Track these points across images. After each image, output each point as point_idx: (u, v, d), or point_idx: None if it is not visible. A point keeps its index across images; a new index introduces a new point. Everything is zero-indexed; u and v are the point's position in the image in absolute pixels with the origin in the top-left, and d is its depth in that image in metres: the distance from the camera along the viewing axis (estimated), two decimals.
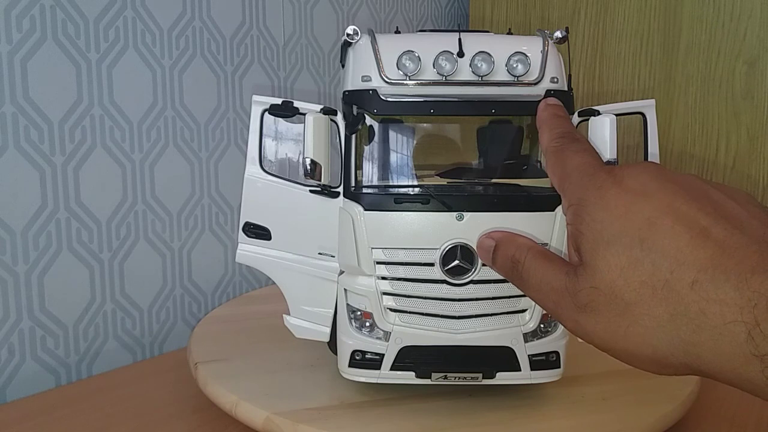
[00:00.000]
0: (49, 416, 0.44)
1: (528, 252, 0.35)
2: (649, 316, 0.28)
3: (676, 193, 0.29)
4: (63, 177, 0.53)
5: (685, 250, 0.27)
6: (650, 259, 0.28)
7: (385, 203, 0.39)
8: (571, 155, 0.34)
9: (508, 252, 0.36)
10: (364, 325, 0.40)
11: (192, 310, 0.64)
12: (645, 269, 0.28)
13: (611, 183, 0.31)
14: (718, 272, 0.26)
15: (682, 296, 0.27)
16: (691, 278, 0.27)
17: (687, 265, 0.27)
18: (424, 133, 0.42)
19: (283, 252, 0.42)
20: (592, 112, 0.40)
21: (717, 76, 0.70)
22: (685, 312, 0.27)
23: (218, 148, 0.65)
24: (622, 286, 0.28)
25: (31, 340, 0.53)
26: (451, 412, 0.40)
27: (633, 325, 0.28)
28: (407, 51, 0.38)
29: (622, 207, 0.30)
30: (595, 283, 0.29)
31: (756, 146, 0.68)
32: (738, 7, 0.68)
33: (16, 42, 0.50)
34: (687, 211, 0.28)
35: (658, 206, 0.29)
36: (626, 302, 0.28)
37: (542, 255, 0.34)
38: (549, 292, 0.32)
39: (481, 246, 0.38)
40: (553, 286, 0.32)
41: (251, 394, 0.41)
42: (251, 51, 0.67)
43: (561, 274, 0.32)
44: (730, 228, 0.28)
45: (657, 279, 0.28)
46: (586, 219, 0.31)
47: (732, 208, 0.29)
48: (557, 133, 0.36)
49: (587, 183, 0.32)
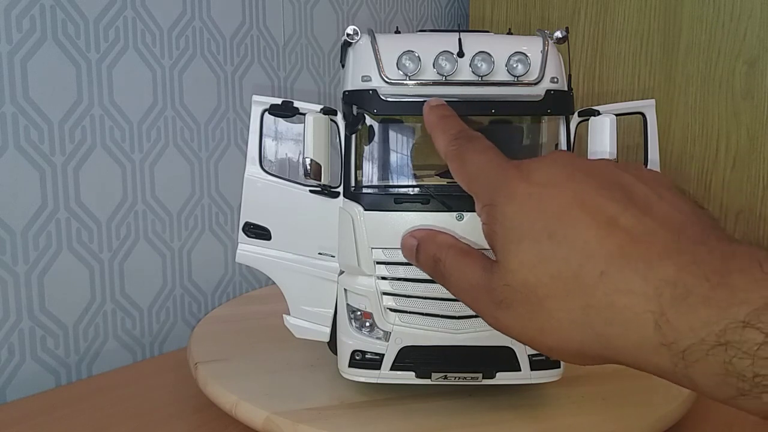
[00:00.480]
0: (49, 416, 0.44)
1: (449, 250, 0.34)
2: (562, 310, 0.28)
3: (584, 183, 0.29)
4: (63, 177, 0.53)
5: (592, 241, 0.27)
6: (559, 253, 0.28)
7: (385, 203, 0.39)
8: (472, 156, 0.34)
9: (429, 251, 0.36)
10: (364, 325, 0.40)
11: (192, 310, 0.64)
12: (555, 264, 0.28)
13: (519, 178, 0.30)
14: (625, 262, 0.26)
15: (592, 288, 0.27)
16: (600, 269, 0.27)
17: (595, 256, 0.27)
18: (424, 133, 0.42)
19: (283, 252, 0.42)
20: (592, 112, 0.40)
21: (717, 76, 0.70)
22: (595, 304, 0.27)
23: (218, 148, 0.65)
24: (534, 282, 0.28)
25: (31, 340, 0.53)
26: (451, 412, 0.40)
27: (548, 320, 0.28)
28: (407, 51, 0.38)
29: (532, 201, 0.29)
30: (508, 280, 0.29)
31: (756, 146, 0.68)
32: (738, 7, 0.68)
33: (16, 42, 0.50)
34: (594, 200, 0.28)
35: (565, 198, 0.29)
36: (539, 298, 0.28)
37: (462, 252, 0.34)
38: (468, 289, 0.32)
39: (405, 245, 0.38)
40: (471, 283, 0.32)
41: (251, 394, 0.41)
42: (251, 51, 0.67)
43: (479, 271, 0.32)
44: (639, 214, 0.27)
45: (567, 273, 0.27)
46: (499, 218, 0.30)
47: (643, 193, 0.29)
48: (451, 135, 0.35)
49: (496, 181, 0.31)
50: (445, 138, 0.36)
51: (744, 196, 0.69)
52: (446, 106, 0.37)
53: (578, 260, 0.27)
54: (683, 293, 0.25)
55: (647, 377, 0.46)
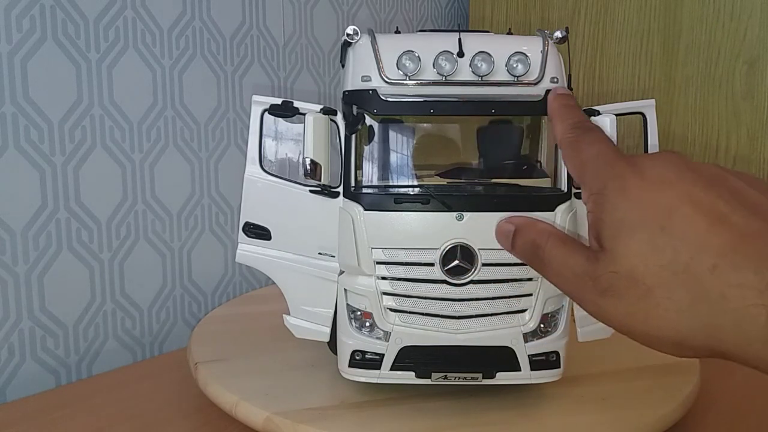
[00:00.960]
0: (49, 416, 0.44)
1: (549, 237, 0.35)
2: (670, 299, 0.28)
3: (695, 182, 0.30)
4: (63, 177, 0.53)
5: (704, 236, 0.28)
6: (670, 245, 0.28)
7: (385, 203, 0.39)
8: (587, 146, 0.34)
9: (528, 237, 0.36)
10: (364, 325, 0.40)
11: (192, 310, 0.64)
12: (665, 254, 0.28)
13: (631, 172, 0.31)
14: (737, 257, 0.27)
15: (703, 280, 0.27)
16: (711, 263, 0.27)
17: (707, 250, 0.28)
18: (424, 133, 0.42)
19: (283, 252, 0.42)
20: (593, 112, 0.40)
21: (717, 76, 0.70)
22: (705, 296, 0.27)
23: (218, 148, 0.65)
24: (642, 271, 0.29)
25: (31, 340, 0.53)
26: (451, 412, 0.40)
27: (654, 309, 0.29)
28: (407, 51, 0.38)
29: (643, 195, 0.30)
30: (615, 268, 0.30)
31: (756, 146, 0.68)
32: (738, 7, 0.68)
33: (16, 42, 0.50)
34: (705, 199, 0.29)
35: (677, 195, 0.29)
36: (647, 286, 0.29)
37: (563, 240, 0.34)
38: (570, 277, 0.33)
39: (501, 231, 0.38)
40: (574, 270, 0.32)
41: (251, 394, 0.41)
42: (251, 51, 0.67)
43: (582, 259, 0.32)
44: (748, 215, 0.28)
45: (677, 264, 0.28)
46: (607, 207, 0.31)
47: (751, 195, 0.29)
48: (570, 124, 0.36)
49: (607, 173, 0.32)
50: (564, 126, 0.36)
51: None
52: (571, 96, 0.38)
53: (690, 252, 0.28)
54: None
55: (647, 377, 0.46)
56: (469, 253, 0.38)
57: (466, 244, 0.38)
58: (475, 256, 0.38)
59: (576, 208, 0.40)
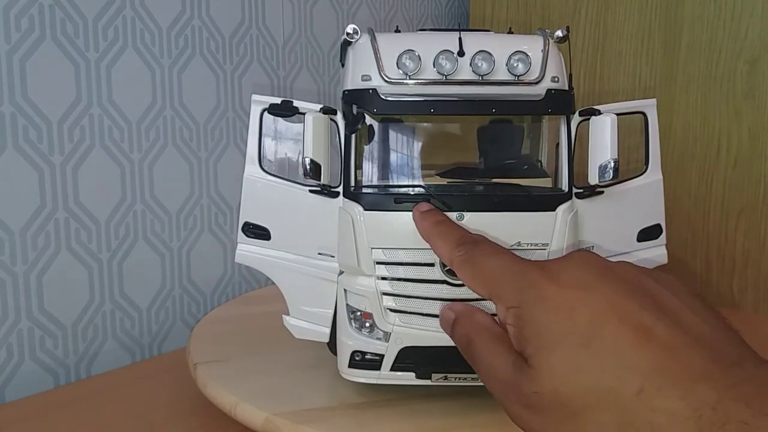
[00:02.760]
0: (49, 416, 0.44)
1: (482, 333, 0.34)
2: (596, 424, 0.27)
3: (616, 288, 0.29)
4: (62, 177, 0.53)
5: (630, 354, 0.27)
6: (596, 364, 0.27)
7: (384, 203, 0.39)
8: (485, 260, 0.33)
9: (464, 329, 0.35)
10: (363, 325, 0.39)
11: (191, 310, 0.64)
12: (591, 375, 0.27)
13: (547, 280, 0.30)
14: (664, 379, 0.26)
15: (629, 404, 0.26)
16: (638, 385, 0.26)
17: (633, 370, 0.26)
18: (424, 132, 0.42)
19: (283, 252, 0.42)
20: (593, 111, 0.40)
21: (718, 75, 0.69)
22: (632, 422, 0.26)
23: (218, 148, 0.65)
24: (566, 393, 0.28)
25: (30, 341, 0.53)
26: (451, 413, 0.40)
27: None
28: (407, 50, 0.37)
29: (563, 306, 0.29)
30: (538, 387, 0.28)
31: (757, 146, 0.68)
32: (739, 6, 0.68)
33: (15, 41, 0.50)
34: (629, 308, 0.28)
35: (599, 304, 0.28)
36: (572, 409, 0.28)
37: (495, 339, 0.33)
38: (496, 383, 0.31)
39: (443, 317, 0.37)
40: (500, 377, 0.31)
41: (251, 395, 0.41)
42: (251, 50, 0.67)
43: (509, 366, 0.31)
44: (671, 325, 0.27)
45: (603, 386, 0.27)
46: (529, 321, 0.30)
47: (669, 301, 0.29)
48: (454, 241, 0.35)
49: (521, 284, 0.31)
50: (448, 245, 0.35)
51: (745, 195, 0.69)
52: (437, 211, 0.37)
53: (615, 373, 0.27)
54: (723, 418, 0.24)
55: None
56: None
57: None
58: None
59: (577, 208, 0.40)
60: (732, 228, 0.70)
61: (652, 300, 0.28)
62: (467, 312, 0.36)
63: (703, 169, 0.71)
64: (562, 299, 0.29)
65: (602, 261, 0.31)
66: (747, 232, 0.69)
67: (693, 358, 0.26)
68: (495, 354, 0.32)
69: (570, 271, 0.30)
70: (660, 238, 0.43)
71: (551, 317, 0.29)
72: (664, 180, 0.43)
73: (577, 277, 0.30)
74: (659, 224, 0.43)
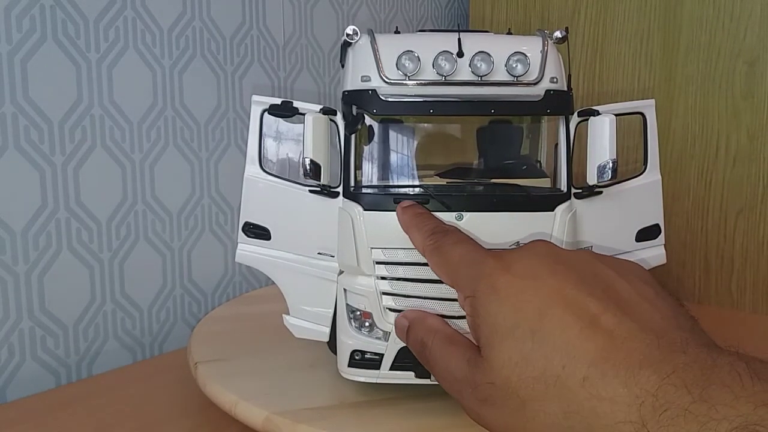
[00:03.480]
0: (49, 416, 0.45)
1: (435, 335, 0.34)
2: (544, 413, 0.27)
3: (566, 277, 0.29)
4: (63, 177, 0.53)
5: (575, 342, 0.27)
6: (542, 353, 0.27)
7: (384, 203, 0.39)
8: (450, 248, 0.34)
9: (417, 334, 0.35)
10: (363, 324, 0.40)
11: (192, 310, 0.64)
12: (538, 364, 0.27)
13: (500, 270, 0.30)
14: (607, 367, 0.26)
15: (575, 393, 0.26)
16: (582, 374, 0.26)
17: (578, 358, 0.27)
18: (423, 133, 0.42)
19: (283, 252, 0.42)
20: (592, 112, 0.40)
21: (717, 76, 0.70)
22: (578, 410, 0.26)
23: (218, 148, 0.65)
24: (516, 382, 0.28)
25: (31, 340, 0.53)
26: (450, 412, 0.40)
27: (530, 422, 0.28)
28: (407, 51, 0.38)
29: (513, 296, 0.29)
30: (491, 378, 0.29)
31: (756, 146, 0.68)
32: (738, 7, 0.68)
33: (16, 42, 0.50)
34: (576, 297, 0.28)
35: (547, 293, 0.28)
36: (521, 399, 0.28)
37: (448, 340, 0.33)
38: (452, 381, 0.32)
39: (397, 325, 0.38)
40: (455, 375, 0.31)
41: (251, 394, 0.41)
42: (251, 51, 0.67)
43: (463, 363, 0.31)
44: (619, 314, 0.27)
45: (549, 375, 0.27)
46: (481, 312, 0.30)
47: (623, 289, 0.29)
48: (427, 231, 0.36)
49: (476, 273, 0.31)
50: (421, 234, 0.36)
51: (744, 195, 0.69)
52: (418, 205, 0.38)
53: (561, 362, 0.27)
54: (664, 404, 0.24)
55: None
56: None
57: None
58: None
59: (576, 209, 0.40)
60: (731, 228, 0.70)
61: (603, 288, 0.29)
62: (419, 317, 0.37)
63: (701, 170, 0.71)
64: (513, 289, 0.29)
65: (556, 250, 0.31)
66: (746, 232, 0.69)
67: (637, 345, 0.26)
68: (448, 354, 0.33)
69: (522, 261, 0.30)
70: (659, 238, 0.44)
71: (501, 307, 0.29)
72: (662, 180, 0.43)
73: (529, 266, 0.30)
74: (658, 224, 0.43)
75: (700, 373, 0.25)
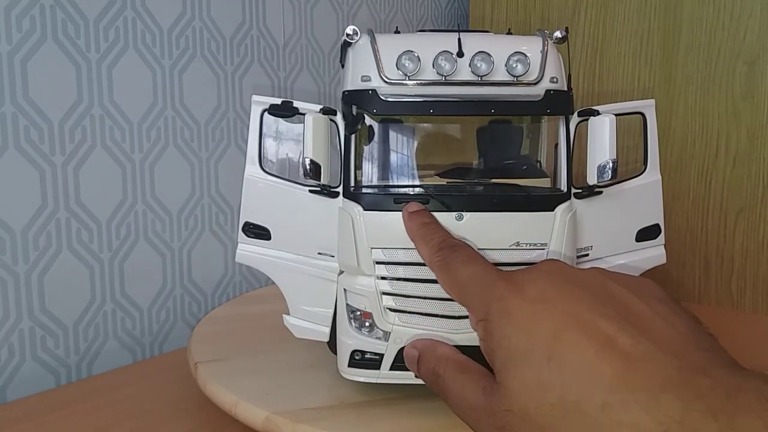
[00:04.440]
0: (49, 416, 0.44)
1: (447, 364, 0.34)
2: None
3: (578, 299, 0.28)
4: (63, 177, 0.53)
5: (592, 367, 0.26)
6: (559, 379, 0.27)
7: (384, 203, 0.39)
8: (458, 267, 0.33)
9: (429, 364, 0.35)
10: (363, 325, 0.40)
11: (192, 310, 0.64)
12: (555, 390, 0.27)
13: (511, 293, 0.30)
14: (627, 391, 0.25)
15: (595, 419, 0.26)
16: (602, 399, 0.26)
17: (596, 383, 0.26)
18: (423, 133, 0.42)
19: (283, 252, 0.42)
20: (592, 112, 0.40)
21: (717, 76, 0.70)
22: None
23: (218, 148, 0.65)
24: (534, 409, 0.27)
25: (31, 340, 0.53)
26: (450, 412, 0.40)
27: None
28: (407, 51, 0.38)
29: (526, 319, 0.29)
30: (508, 405, 0.28)
31: (756, 146, 0.68)
32: (738, 7, 0.68)
33: (16, 42, 0.50)
34: (590, 319, 0.27)
35: (561, 316, 0.28)
36: (540, 426, 0.27)
37: (460, 368, 0.33)
38: (468, 410, 0.31)
39: (407, 356, 0.37)
40: (470, 403, 0.31)
41: (251, 394, 0.41)
42: (251, 51, 0.67)
43: (478, 392, 0.30)
44: (636, 334, 0.27)
45: (567, 401, 0.26)
46: (495, 336, 0.30)
47: (636, 307, 0.28)
48: (435, 245, 0.35)
49: (487, 295, 0.31)
50: (428, 248, 0.36)
51: (744, 195, 0.69)
52: (425, 212, 0.37)
53: (579, 387, 0.26)
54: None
55: None
56: None
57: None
58: None
59: (575, 208, 0.40)
60: (731, 228, 0.70)
61: (616, 308, 0.28)
62: (429, 346, 0.36)
63: (701, 170, 0.71)
64: (525, 313, 0.29)
65: (567, 270, 0.31)
66: (746, 232, 0.69)
67: (656, 368, 0.25)
68: (462, 382, 0.32)
69: (534, 283, 0.30)
70: (659, 238, 0.44)
71: (515, 331, 0.29)
72: (662, 180, 0.43)
73: (541, 288, 0.29)
74: (658, 224, 0.43)
75: (725, 398, 0.24)
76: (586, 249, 0.41)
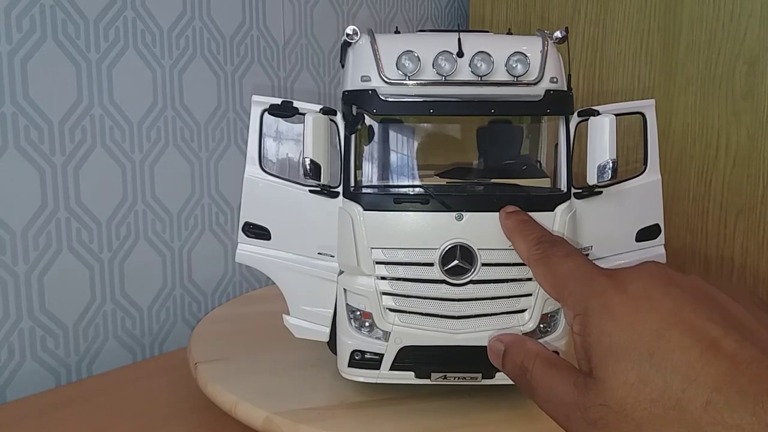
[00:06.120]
0: (49, 416, 0.45)
1: (536, 359, 0.33)
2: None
3: (682, 299, 0.28)
4: (63, 177, 0.53)
5: (696, 366, 0.26)
6: (660, 376, 0.27)
7: (384, 203, 0.39)
8: (558, 261, 0.33)
9: (516, 358, 0.35)
10: (363, 325, 0.40)
11: (192, 310, 0.64)
12: (655, 386, 0.27)
13: (614, 289, 0.30)
14: (732, 392, 0.25)
15: (696, 417, 0.26)
16: (705, 398, 0.26)
17: (699, 382, 0.26)
18: (423, 133, 0.42)
19: (283, 252, 0.42)
20: (592, 112, 0.40)
21: (717, 75, 0.70)
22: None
23: (218, 148, 0.65)
24: (632, 404, 0.27)
25: (31, 340, 0.53)
26: (450, 412, 0.40)
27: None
28: (407, 51, 0.38)
29: (629, 316, 0.29)
30: (605, 399, 0.28)
31: (756, 146, 0.68)
32: (738, 6, 0.68)
33: (16, 42, 0.50)
34: (695, 321, 0.27)
35: (665, 316, 0.28)
36: (636, 421, 0.27)
37: (551, 363, 0.33)
38: (558, 405, 0.31)
39: (491, 349, 0.37)
40: (562, 398, 0.31)
41: (251, 394, 0.41)
42: (251, 51, 0.67)
43: (570, 386, 0.30)
44: (740, 338, 0.27)
45: (668, 397, 0.26)
46: (594, 330, 0.30)
47: (739, 313, 0.28)
48: (533, 240, 0.35)
49: (588, 290, 0.31)
50: (527, 242, 0.36)
51: (744, 195, 0.69)
52: (522, 212, 0.38)
53: (681, 385, 0.26)
54: None
55: None
56: (469, 253, 0.38)
57: (466, 244, 0.38)
58: (475, 256, 0.38)
59: (575, 208, 0.40)
60: (731, 228, 0.70)
61: (720, 312, 0.28)
62: (517, 341, 0.36)
63: (701, 169, 0.71)
64: (628, 309, 0.29)
65: (669, 272, 0.31)
66: (746, 232, 0.69)
67: (762, 371, 0.25)
68: (552, 377, 0.32)
69: (637, 281, 0.30)
70: (659, 238, 0.44)
71: (616, 327, 0.29)
72: (662, 180, 0.43)
73: (644, 287, 0.29)
74: (658, 224, 0.43)
75: None
76: (586, 249, 0.41)
